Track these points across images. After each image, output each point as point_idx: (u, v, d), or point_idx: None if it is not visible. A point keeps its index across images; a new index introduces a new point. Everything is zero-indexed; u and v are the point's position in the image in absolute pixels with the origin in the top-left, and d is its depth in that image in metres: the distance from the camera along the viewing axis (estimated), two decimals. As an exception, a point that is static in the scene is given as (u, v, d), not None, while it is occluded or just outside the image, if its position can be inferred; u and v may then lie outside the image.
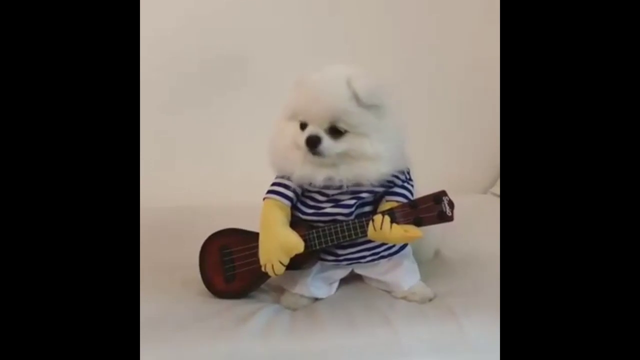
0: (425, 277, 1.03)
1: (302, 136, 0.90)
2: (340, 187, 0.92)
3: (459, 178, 1.79)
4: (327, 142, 0.88)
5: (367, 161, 0.89)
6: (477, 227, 1.32)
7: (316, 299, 1.00)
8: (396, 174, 0.95)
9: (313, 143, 0.88)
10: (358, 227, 0.92)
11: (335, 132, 0.89)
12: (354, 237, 0.92)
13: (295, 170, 0.92)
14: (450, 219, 0.91)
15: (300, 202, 0.96)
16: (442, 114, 1.84)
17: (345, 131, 0.89)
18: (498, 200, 1.61)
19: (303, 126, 0.91)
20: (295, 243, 0.91)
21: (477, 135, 1.84)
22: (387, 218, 0.90)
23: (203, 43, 1.71)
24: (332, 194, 0.93)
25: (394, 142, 0.91)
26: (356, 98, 0.87)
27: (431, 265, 1.14)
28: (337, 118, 0.88)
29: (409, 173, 0.98)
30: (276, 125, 0.95)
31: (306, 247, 0.92)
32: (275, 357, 0.84)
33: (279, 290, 1.02)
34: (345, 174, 0.90)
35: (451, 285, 1.04)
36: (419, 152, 1.03)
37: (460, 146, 1.86)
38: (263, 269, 0.93)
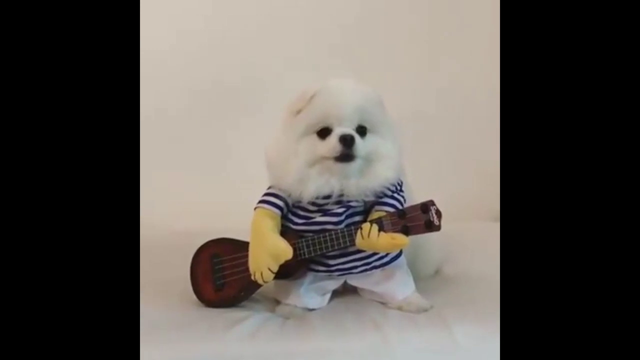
0: (422, 290, 1.02)
1: (328, 141, 0.92)
2: (329, 197, 0.93)
3: (472, 204, 1.76)
4: (359, 140, 0.92)
5: (379, 163, 0.93)
6: (485, 253, 1.26)
7: (310, 310, 1.00)
8: (387, 185, 0.96)
9: (348, 141, 0.91)
10: (347, 236, 0.93)
11: (361, 132, 0.94)
12: (342, 245, 0.93)
13: (309, 187, 0.92)
14: (437, 228, 0.91)
15: (291, 213, 0.98)
16: (460, 139, 1.85)
17: (368, 131, 0.94)
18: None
19: (323, 135, 0.93)
20: (284, 249, 0.92)
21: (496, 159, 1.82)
22: (374, 226, 0.91)
23: (210, 66, 1.78)
24: (321, 203, 0.95)
25: (398, 143, 0.97)
26: (372, 97, 0.95)
27: (430, 280, 1.14)
28: (363, 117, 0.94)
29: (400, 184, 0.99)
30: (283, 150, 0.95)
31: (295, 255, 0.93)
32: (262, 358, 0.85)
33: (272, 301, 1.03)
34: (353, 186, 0.93)
35: (448, 298, 1.03)
36: (436, 177, 1.02)
37: (473, 171, 1.84)
38: (252, 276, 0.93)
